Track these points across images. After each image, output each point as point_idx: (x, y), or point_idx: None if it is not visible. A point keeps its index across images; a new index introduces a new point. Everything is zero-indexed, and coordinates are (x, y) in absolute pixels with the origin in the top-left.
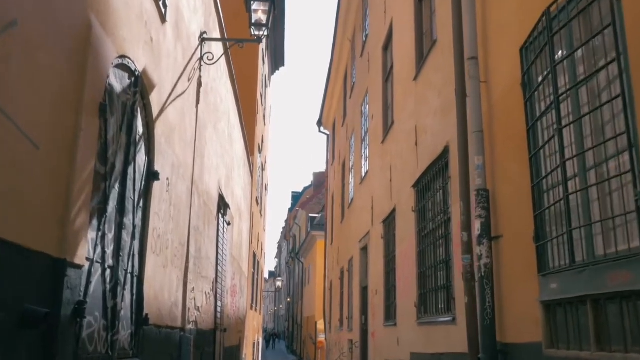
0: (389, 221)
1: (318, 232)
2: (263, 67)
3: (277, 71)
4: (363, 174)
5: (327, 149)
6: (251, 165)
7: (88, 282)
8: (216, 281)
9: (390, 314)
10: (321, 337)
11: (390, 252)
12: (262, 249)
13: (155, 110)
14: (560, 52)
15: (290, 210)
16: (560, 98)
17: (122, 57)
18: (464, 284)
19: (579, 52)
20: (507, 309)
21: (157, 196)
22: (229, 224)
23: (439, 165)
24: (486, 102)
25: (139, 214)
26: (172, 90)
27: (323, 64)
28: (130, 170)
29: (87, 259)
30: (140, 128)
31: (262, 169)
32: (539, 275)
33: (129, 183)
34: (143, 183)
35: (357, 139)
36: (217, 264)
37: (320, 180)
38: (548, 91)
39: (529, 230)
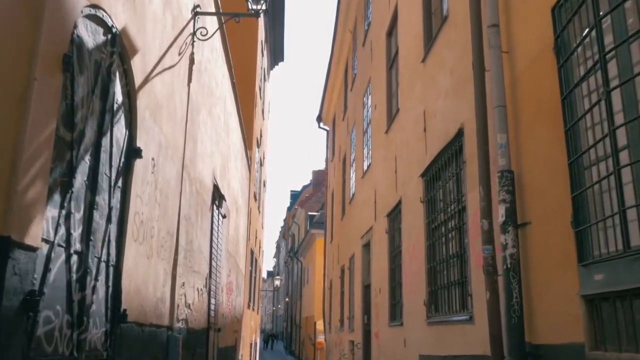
0: (394, 215)
1: (317, 231)
2: (262, 60)
3: (276, 66)
4: (365, 167)
5: (327, 145)
6: (249, 159)
7: (46, 269)
8: (210, 277)
9: (395, 313)
10: (320, 338)
11: (395, 248)
12: (260, 247)
13: (138, 79)
14: (603, 7)
15: (289, 209)
16: (607, 57)
17: (95, 6)
18: (484, 278)
19: (629, 2)
20: (538, 305)
21: (139, 176)
22: (224, 216)
23: (452, 150)
24: (509, 73)
25: (117, 194)
26: (159, 61)
27: (322, 61)
28: (106, 142)
29: (45, 240)
30: (119, 96)
31: (261, 165)
32: (579, 265)
33: (104, 156)
34: (122, 160)
35: (358, 131)
36: (210, 259)
37: (319, 179)
38: (589, 52)
39: (565, 214)
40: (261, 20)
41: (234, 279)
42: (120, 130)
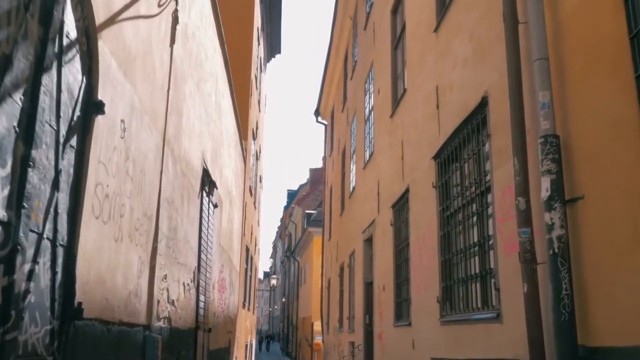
0: (400, 205)
1: (315, 229)
2: (258, 49)
3: (272, 58)
4: (367, 157)
5: (325, 140)
6: (244, 149)
7: None
8: (198, 271)
9: (401, 312)
10: (318, 339)
11: (401, 241)
12: (255, 244)
13: (99, 15)
14: None
15: (285, 208)
16: None
17: None
18: (521, 268)
19: None
20: (595, 298)
21: (103, 138)
22: (215, 206)
23: (472, 125)
24: (551, 20)
25: (70, 155)
26: (131, 3)
27: (319, 56)
28: (49, 82)
29: None
30: (71, 30)
31: (257, 158)
32: None
33: (46, 101)
34: (78, 113)
35: (359, 121)
36: (199, 251)
37: (316, 177)
38: None
39: (635, 184)
40: (257, 7)
41: (227, 276)
42: (74, 75)
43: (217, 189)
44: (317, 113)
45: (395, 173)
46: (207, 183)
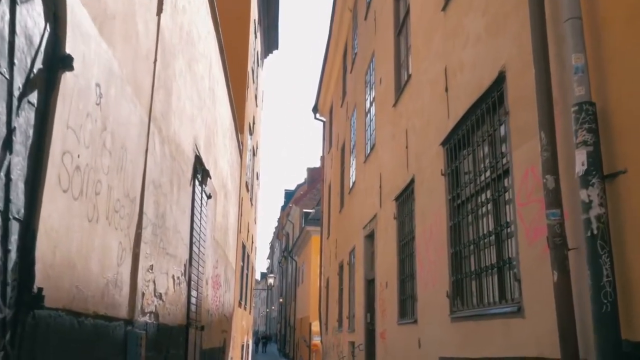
0: (405, 196)
1: (313, 227)
2: (255, 42)
3: (270, 54)
4: (367, 151)
5: (324, 137)
6: (240, 143)
7: None
8: (190, 264)
9: (406, 309)
10: (316, 340)
11: (405, 235)
12: (252, 242)
13: None
14: None
15: (283, 208)
16: None
17: None
18: (551, 254)
19: None
20: None
21: (72, 100)
22: (209, 196)
23: (486, 105)
24: None
25: (29, 114)
26: None
27: (317, 53)
28: None
29: None
30: None
31: (254, 154)
32: None
33: None
34: (39, 65)
35: (359, 114)
36: (191, 243)
37: (314, 176)
38: None
39: None
40: None
41: (222, 272)
42: (33, 19)
43: (210, 178)
44: (315, 109)
45: (399, 164)
46: (200, 171)
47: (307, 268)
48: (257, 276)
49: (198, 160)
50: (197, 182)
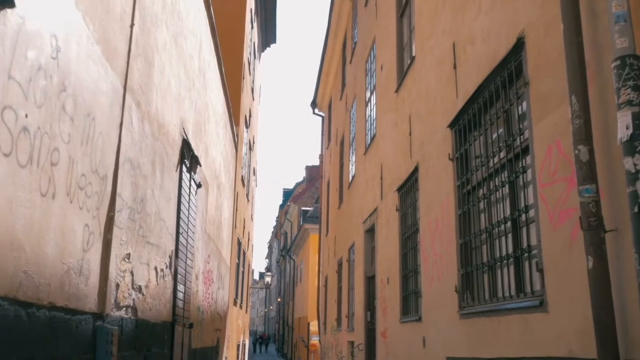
0: (408, 186)
1: (311, 225)
2: (251, 32)
3: (267, 48)
4: (368, 142)
5: (322, 133)
6: (236, 136)
7: None
8: (176, 257)
9: (408, 306)
10: (314, 340)
11: (408, 227)
12: (249, 239)
13: None
14: None
15: (281, 206)
16: None
17: None
18: (585, 237)
19: None
20: None
21: (16, 45)
22: (199, 185)
23: (501, 77)
24: None
25: None
26: None
27: (314, 51)
28: None
29: None
30: None
31: (250, 149)
32: None
33: None
34: None
35: (359, 104)
36: (178, 234)
37: (313, 174)
38: None
39: None
40: None
41: (215, 268)
42: None
43: (200, 166)
44: (313, 104)
45: (401, 152)
46: (189, 157)
47: (305, 267)
48: (256, 276)
49: (186, 144)
50: (184, 169)
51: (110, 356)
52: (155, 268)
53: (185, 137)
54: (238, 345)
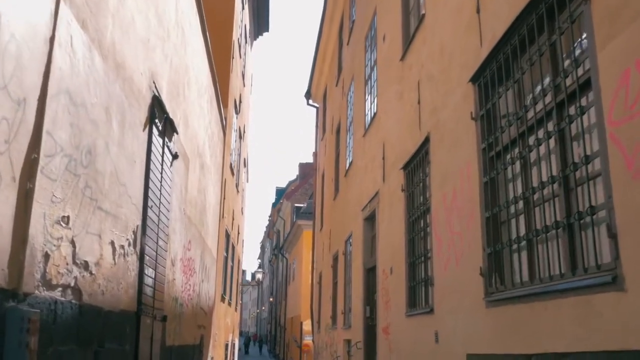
0: (416, 162)
1: (304, 221)
2: (242, 12)
3: (260, 36)
4: (368, 122)
5: (317, 125)
6: (224, 118)
7: None
8: (144, 234)
9: (416, 297)
10: (307, 339)
11: (416, 208)
12: (239, 233)
13: None
14: None
15: (274, 204)
16: None
17: None
18: None
19: None
20: None
21: None
22: (175, 156)
23: (545, 4)
24: None
25: None
26: None
27: (307, 44)
28: None
29: None
30: None
31: (240, 137)
32: None
33: None
34: None
35: (358, 85)
36: (146, 206)
37: (306, 171)
38: None
39: None
40: None
41: (198, 257)
42: None
43: (177, 134)
44: (308, 95)
45: (408, 125)
46: (162, 120)
47: (298, 265)
48: (248, 277)
49: (158, 102)
50: (155, 131)
51: (25, 350)
52: (112, 243)
53: (156, 94)
54: (226, 345)
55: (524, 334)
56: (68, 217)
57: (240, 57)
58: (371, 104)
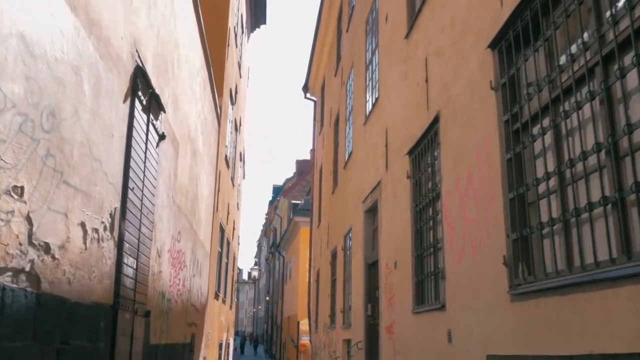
0: (423, 146)
1: (302, 218)
2: (238, 1)
3: (257, 29)
4: (369, 108)
5: (314, 118)
6: (219, 107)
7: None
8: (123, 218)
9: (425, 292)
10: (304, 339)
11: (423, 196)
12: (234, 228)
13: None
14: None
15: (271, 202)
16: None
17: None
18: None
19: None
20: None
21: None
22: (162, 137)
23: None
24: None
25: None
26: None
27: (303, 42)
28: None
29: None
30: None
31: (236, 129)
32: None
33: None
34: None
35: (358, 72)
36: (126, 188)
37: (303, 168)
38: None
39: None
40: None
41: (189, 250)
42: None
43: (164, 112)
44: (305, 89)
45: (414, 107)
46: (146, 94)
47: (295, 263)
48: (245, 277)
49: (142, 73)
50: (138, 105)
51: None
52: (83, 225)
53: (140, 65)
54: (220, 344)
55: (561, 332)
56: (22, 187)
57: (237, 46)
58: (372, 90)
